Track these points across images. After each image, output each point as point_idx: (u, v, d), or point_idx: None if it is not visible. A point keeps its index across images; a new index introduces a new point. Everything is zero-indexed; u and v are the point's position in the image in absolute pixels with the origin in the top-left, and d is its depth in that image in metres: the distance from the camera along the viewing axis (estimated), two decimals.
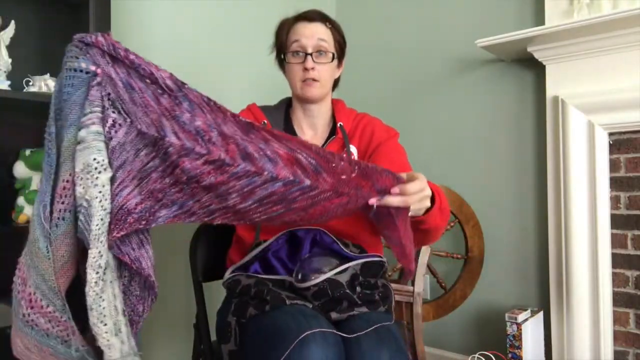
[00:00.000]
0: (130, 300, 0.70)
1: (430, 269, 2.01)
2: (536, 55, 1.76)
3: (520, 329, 1.67)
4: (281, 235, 1.04)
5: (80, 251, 0.65)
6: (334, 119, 1.24)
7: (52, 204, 0.62)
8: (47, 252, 0.61)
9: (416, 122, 2.17)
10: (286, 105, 1.29)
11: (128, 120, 0.62)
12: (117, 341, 0.64)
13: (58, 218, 0.61)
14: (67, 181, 0.61)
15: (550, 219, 1.78)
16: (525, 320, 1.71)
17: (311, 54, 1.14)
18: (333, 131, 1.22)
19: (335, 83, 1.29)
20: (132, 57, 0.59)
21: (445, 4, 2.14)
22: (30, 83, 1.30)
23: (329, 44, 1.18)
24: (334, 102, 1.28)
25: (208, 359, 1.14)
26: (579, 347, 1.69)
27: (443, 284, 2.02)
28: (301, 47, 1.15)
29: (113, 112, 0.62)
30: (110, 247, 0.63)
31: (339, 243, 1.02)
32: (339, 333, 0.87)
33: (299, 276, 0.95)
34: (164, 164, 0.62)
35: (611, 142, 1.68)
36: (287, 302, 0.93)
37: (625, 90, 1.60)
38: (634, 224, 1.66)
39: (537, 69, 1.85)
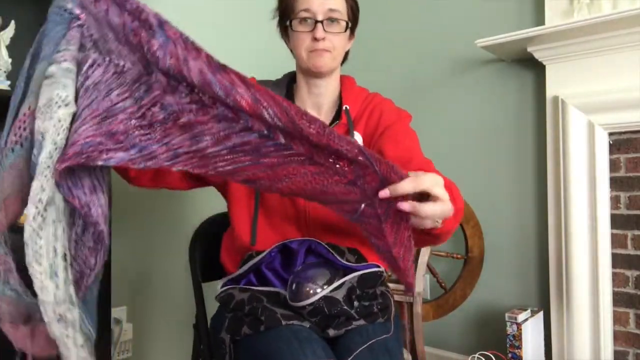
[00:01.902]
0: (82, 251, 0.66)
1: (430, 269, 2.01)
2: (536, 55, 1.76)
3: (520, 329, 1.67)
4: (274, 247, 0.99)
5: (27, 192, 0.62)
6: (340, 100, 1.10)
7: (8, 136, 0.61)
8: None
9: (416, 122, 2.16)
10: (288, 81, 1.14)
11: (107, 59, 0.60)
12: (51, 284, 0.60)
13: (9, 149, 0.60)
14: (25, 114, 0.60)
15: (550, 219, 1.78)
16: (525, 320, 1.71)
17: (322, 22, 1.00)
18: (338, 115, 1.09)
19: (345, 56, 1.14)
20: None
21: (446, 4, 2.14)
22: None
23: (342, 10, 1.03)
24: (343, 80, 1.14)
25: (208, 359, 1.14)
26: (579, 347, 1.69)
27: (443, 284, 2.02)
28: (310, 12, 1.01)
29: (94, 52, 0.61)
30: (59, 186, 0.61)
31: (334, 253, 0.97)
32: None
33: (293, 287, 0.92)
34: (136, 105, 0.60)
35: (611, 142, 1.68)
36: (283, 322, 0.89)
37: (625, 90, 1.60)
38: (634, 224, 1.66)
39: (537, 69, 1.85)
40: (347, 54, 1.15)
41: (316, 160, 0.63)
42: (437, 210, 0.67)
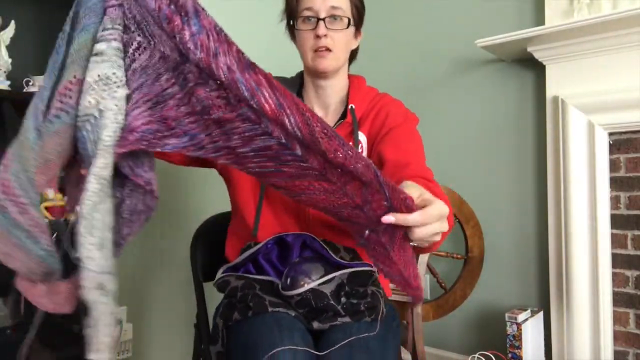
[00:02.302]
0: (117, 222, 0.68)
1: (430, 269, 2.01)
2: (536, 55, 1.76)
3: (520, 329, 1.67)
4: (270, 240, 1.01)
5: (67, 163, 0.64)
6: (347, 100, 1.11)
7: (50, 100, 0.61)
8: (34, 144, 0.60)
9: None
10: (300, 80, 1.16)
11: (152, 43, 0.60)
12: (99, 255, 0.62)
13: (54, 115, 0.60)
14: (72, 83, 0.60)
15: (550, 219, 1.78)
16: (525, 320, 1.71)
17: (324, 19, 1.02)
18: (345, 114, 1.09)
19: (353, 55, 1.15)
20: None
21: (446, 4, 2.14)
22: (30, 83, 1.30)
23: (345, 7, 1.04)
24: (352, 79, 1.14)
25: (208, 359, 1.14)
26: (579, 347, 1.69)
27: (443, 284, 2.02)
28: (313, 11, 1.02)
29: (139, 35, 0.60)
30: (121, 167, 0.63)
31: (328, 249, 0.98)
32: (311, 350, 0.86)
33: (288, 280, 0.93)
34: (182, 92, 0.59)
35: (611, 142, 1.68)
36: (270, 309, 0.91)
37: (625, 90, 1.60)
38: (634, 224, 1.66)
39: (537, 69, 1.85)
40: (355, 52, 1.15)
41: (329, 178, 0.63)
42: (436, 231, 0.68)
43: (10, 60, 1.28)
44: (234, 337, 0.96)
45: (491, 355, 1.75)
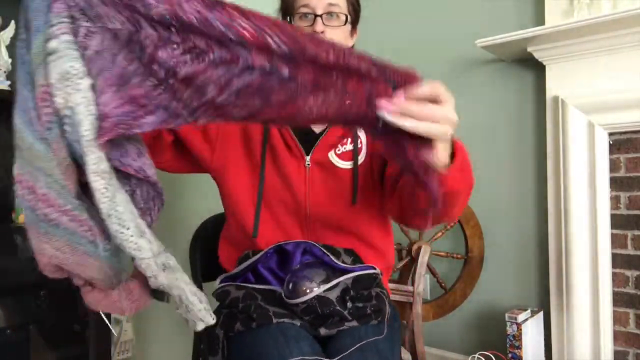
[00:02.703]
0: (142, 210, 0.68)
1: (430, 269, 2.01)
2: (536, 55, 1.76)
3: (520, 329, 1.67)
4: (270, 248, 1.00)
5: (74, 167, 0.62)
6: None
7: (36, 109, 0.59)
8: (47, 154, 0.59)
9: None
10: None
11: (99, 25, 0.58)
12: (144, 242, 0.62)
13: (49, 122, 0.58)
14: (46, 86, 0.58)
15: (550, 219, 1.78)
16: (525, 320, 1.71)
17: (321, 16, 1.01)
18: None
19: None
20: None
21: (445, 4, 2.14)
22: None
23: (342, 4, 1.04)
24: None
25: (208, 359, 1.14)
26: (579, 347, 1.69)
27: (443, 284, 2.02)
28: (310, 8, 1.02)
29: (85, 21, 0.59)
30: (109, 159, 0.61)
31: (329, 255, 0.97)
32: (321, 358, 0.84)
33: (290, 286, 0.92)
34: (142, 65, 0.58)
35: (611, 142, 1.68)
36: (274, 320, 0.90)
37: (625, 90, 1.60)
38: (634, 224, 1.66)
39: (537, 69, 1.85)
40: None
41: (324, 86, 0.60)
42: (440, 113, 0.63)
43: (10, 60, 1.28)
44: (236, 348, 0.94)
45: (491, 355, 1.75)
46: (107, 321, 0.85)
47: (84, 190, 0.62)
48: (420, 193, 0.80)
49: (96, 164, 0.58)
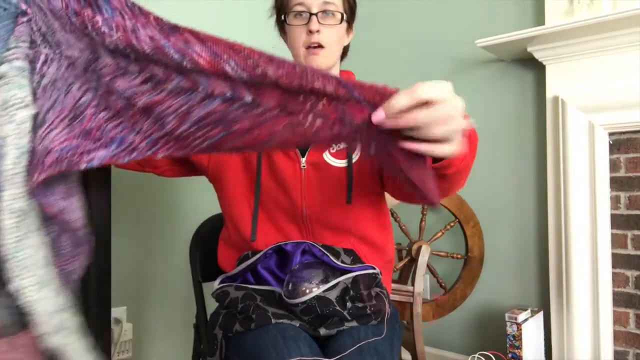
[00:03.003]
0: (64, 256, 0.62)
1: (430, 269, 2.01)
2: (536, 55, 1.76)
3: (520, 329, 1.67)
4: (269, 249, 1.00)
5: None
6: None
7: None
8: None
9: None
10: None
11: (58, 52, 0.56)
12: (47, 292, 0.56)
13: None
14: None
15: (550, 219, 1.78)
16: (525, 320, 1.71)
17: (316, 14, 0.99)
18: None
19: (345, 51, 1.12)
20: None
21: (445, 4, 2.14)
22: None
23: (337, 2, 1.01)
24: (343, 75, 1.11)
25: (208, 359, 1.14)
26: (579, 347, 1.69)
27: (443, 284, 2.02)
28: (305, 6, 0.99)
29: (45, 47, 0.56)
30: (33, 195, 0.56)
31: (329, 255, 0.97)
32: (320, 359, 0.85)
33: (290, 286, 0.92)
34: (97, 95, 0.55)
35: (611, 142, 1.68)
36: (273, 320, 0.90)
37: (625, 90, 1.60)
38: (634, 224, 1.66)
39: (537, 69, 1.85)
40: (347, 49, 1.12)
41: (291, 110, 0.56)
42: (439, 114, 0.57)
43: None
44: (235, 349, 0.94)
45: (491, 355, 1.75)
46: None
47: None
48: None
49: (10, 200, 0.54)
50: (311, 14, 0.99)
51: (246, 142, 0.58)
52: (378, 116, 0.57)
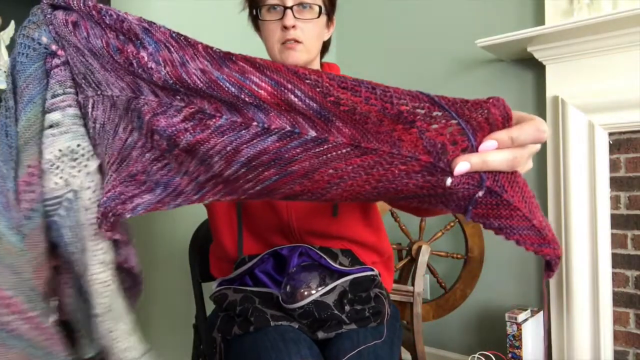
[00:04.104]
0: (128, 298, 0.64)
1: (430, 269, 2.01)
2: (536, 55, 1.76)
3: (520, 329, 1.67)
4: (265, 253, 0.98)
5: (49, 255, 0.55)
6: None
7: (16, 192, 0.52)
8: (22, 247, 0.51)
9: None
10: None
11: (99, 92, 0.52)
12: (135, 340, 0.58)
13: (30, 209, 0.51)
14: (31, 173, 0.51)
15: (550, 219, 1.78)
16: (525, 320, 1.71)
17: (291, 8, 0.91)
18: None
19: (326, 46, 1.04)
20: (98, 6, 0.49)
21: (445, 4, 2.14)
22: None
23: None
24: (326, 67, 1.05)
25: (208, 359, 1.14)
26: (579, 347, 1.69)
27: (443, 284, 2.02)
28: None
29: (89, 89, 0.53)
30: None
31: (326, 258, 0.95)
32: None
33: (287, 289, 0.91)
34: (141, 135, 0.51)
35: (611, 142, 1.68)
36: (272, 323, 0.89)
37: (625, 90, 1.60)
38: (634, 224, 1.66)
39: (537, 69, 1.85)
40: (328, 43, 1.05)
41: (366, 148, 0.45)
42: (531, 131, 0.49)
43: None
44: (234, 352, 0.93)
45: (491, 355, 1.75)
46: None
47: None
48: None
49: (104, 253, 0.53)
50: (286, 8, 0.91)
51: (305, 187, 0.49)
52: (463, 168, 0.44)
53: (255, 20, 0.99)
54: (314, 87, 0.44)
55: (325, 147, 0.45)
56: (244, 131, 0.46)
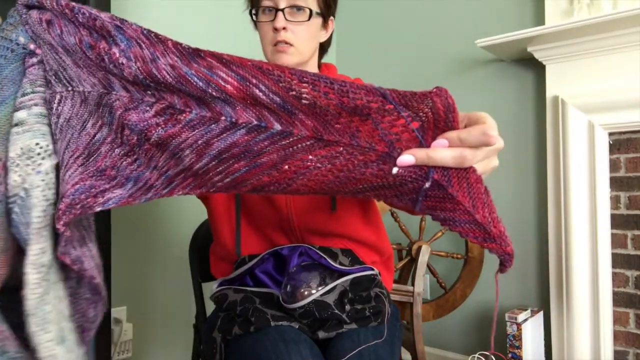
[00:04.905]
0: (80, 304, 0.61)
1: (430, 269, 2.01)
2: (536, 55, 1.76)
3: (520, 329, 1.67)
4: (265, 253, 0.98)
5: (13, 250, 0.55)
6: None
7: None
8: None
9: None
10: None
11: (70, 89, 0.53)
12: (62, 350, 0.55)
13: None
14: (3, 160, 0.52)
15: (550, 219, 1.78)
16: (525, 320, 1.71)
17: (283, 10, 0.92)
18: None
19: (324, 47, 1.06)
20: (70, 5, 0.50)
21: (445, 4, 2.14)
22: None
23: None
24: (323, 68, 1.06)
25: (208, 359, 1.14)
26: (579, 347, 1.69)
27: (443, 284, 2.01)
28: (272, 1, 0.93)
29: (58, 86, 0.54)
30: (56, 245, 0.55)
31: (326, 257, 0.95)
32: None
33: (288, 288, 0.91)
34: (111, 131, 0.52)
35: (611, 142, 1.68)
36: (272, 323, 0.89)
37: (625, 90, 1.60)
38: (634, 224, 1.66)
39: (537, 69, 1.85)
40: (327, 44, 1.06)
41: (328, 140, 0.49)
42: (482, 130, 0.54)
43: None
44: (234, 352, 0.93)
45: (491, 355, 1.75)
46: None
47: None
48: None
49: (37, 255, 0.52)
50: (277, 10, 0.93)
51: (274, 177, 0.51)
52: (406, 160, 0.49)
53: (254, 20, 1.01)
54: (277, 82, 0.46)
55: (291, 139, 0.49)
56: (213, 125, 0.48)
